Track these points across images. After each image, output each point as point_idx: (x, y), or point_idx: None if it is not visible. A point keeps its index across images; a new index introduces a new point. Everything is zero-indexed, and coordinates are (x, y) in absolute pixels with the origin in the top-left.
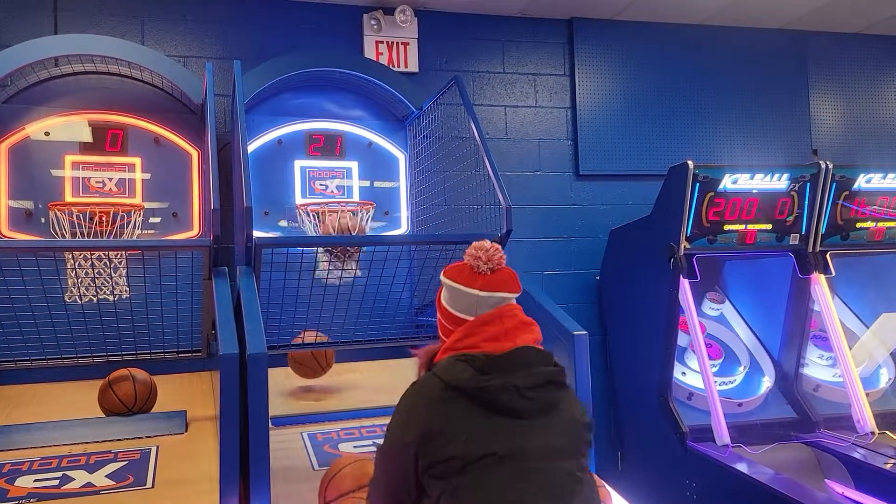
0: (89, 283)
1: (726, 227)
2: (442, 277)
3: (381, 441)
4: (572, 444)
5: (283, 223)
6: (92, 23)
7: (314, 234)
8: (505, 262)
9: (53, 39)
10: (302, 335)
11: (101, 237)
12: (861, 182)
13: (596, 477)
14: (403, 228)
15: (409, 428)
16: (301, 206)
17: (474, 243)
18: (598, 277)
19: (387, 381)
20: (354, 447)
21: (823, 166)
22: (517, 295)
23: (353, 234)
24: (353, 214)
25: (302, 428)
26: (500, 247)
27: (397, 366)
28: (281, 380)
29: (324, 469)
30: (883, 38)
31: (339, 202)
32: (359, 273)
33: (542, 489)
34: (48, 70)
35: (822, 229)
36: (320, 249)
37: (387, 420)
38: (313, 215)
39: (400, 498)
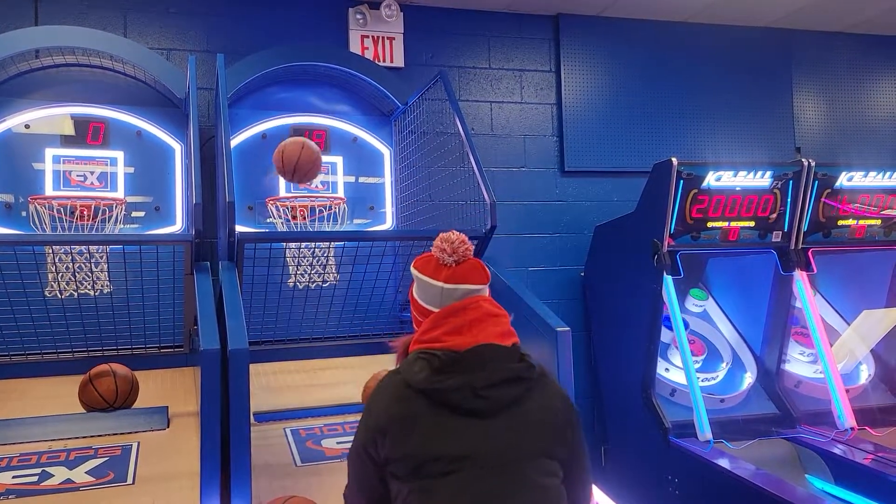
0: (70, 278)
1: (710, 224)
2: (412, 268)
3: None
4: (538, 443)
5: (273, 220)
6: (74, 14)
7: (285, 230)
8: (472, 254)
9: (34, 31)
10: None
11: (83, 231)
12: (843, 180)
13: None
14: (388, 224)
15: (368, 423)
16: (271, 200)
17: (441, 234)
18: (582, 274)
19: (370, 377)
20: (337, 443)
21: (806, 164)
22: (485, 285)
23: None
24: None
25: (285, 424)
26: (466, 238)
27: (381, 362)
28: (264, 375)
29: (307, 465)
30: (866, 37)
31: (308, 196)
32: (336, 279)
33: (492, 497)
34: (29, 62)
35: (805, 227)
36: (290, 255)
37: None
38: (283, 210)
39: (373, 494)
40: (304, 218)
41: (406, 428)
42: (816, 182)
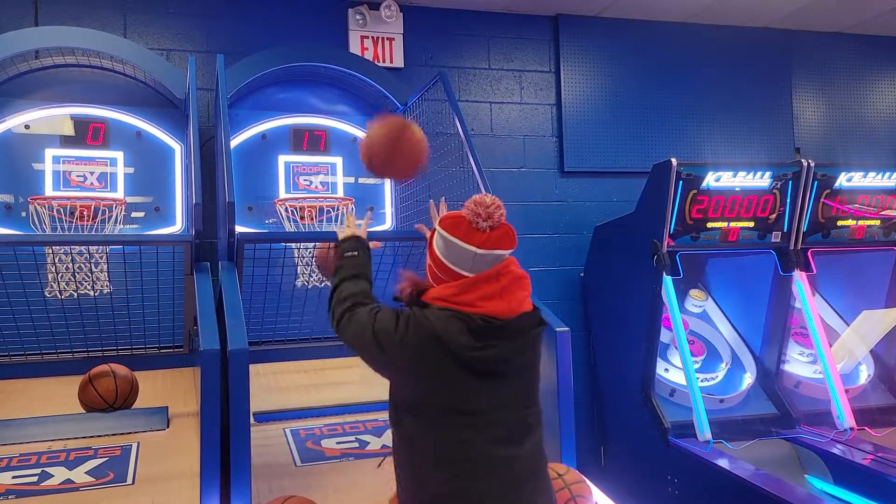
0: (70, 278)
1: (709, 225)
2: (438, 227)
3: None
4: (531, 390)
5: (273, 220)
6: (73, 14)
7: (293, 230)
8: (504, 218)
9: (34, 31)
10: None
11: (83, 232)
12: (842, 180)
13: (576, 472)
14: (388, 224)
15: (404, 346)
16: (278, 201)
17: (475, 197)
18: (582, 274)
19: (369, 377)
20: (337, 443)
21: (805, 164)
22: (513, 250)
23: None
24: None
25: (284, 424)
26: (500, 203)
27: None
28: (264, 375)
29: (306, 465)
30: (865, 38)
31: (316, 197)
32: None
33: (507, 442)
34: (28, 62)
35: (804, 227)
36: (298, 254)
37: (370, 416)
38: (291, 211)
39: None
40: (312, 219)
41: (430, 377)
42: (816, 182)
